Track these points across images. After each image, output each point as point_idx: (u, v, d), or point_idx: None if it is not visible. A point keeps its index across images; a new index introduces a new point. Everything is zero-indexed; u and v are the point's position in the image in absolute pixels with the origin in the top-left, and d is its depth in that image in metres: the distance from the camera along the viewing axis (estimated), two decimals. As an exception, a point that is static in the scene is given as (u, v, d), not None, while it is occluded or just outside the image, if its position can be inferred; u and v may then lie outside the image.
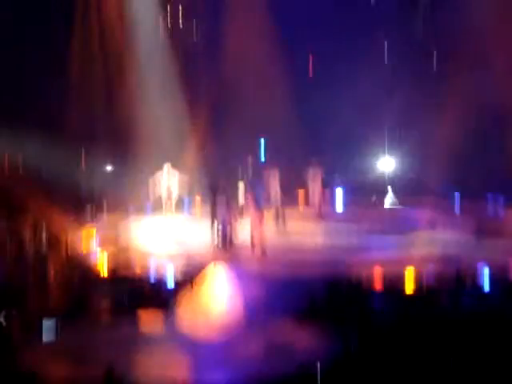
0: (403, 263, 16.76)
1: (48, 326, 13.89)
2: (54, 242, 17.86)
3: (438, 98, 23.46)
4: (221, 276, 16.70)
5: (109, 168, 23.89)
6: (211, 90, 24.14)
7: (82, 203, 22.07)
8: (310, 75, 24.78)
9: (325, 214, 21.68)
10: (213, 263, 16.94)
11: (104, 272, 17.16)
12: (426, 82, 24.07)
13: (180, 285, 16.07)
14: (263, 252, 18.58)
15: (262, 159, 23.46)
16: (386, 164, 25.78)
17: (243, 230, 19.00)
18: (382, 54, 24.69)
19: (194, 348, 13.27)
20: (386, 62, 24.74)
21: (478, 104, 22.08)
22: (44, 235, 17.69)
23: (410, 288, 15.49)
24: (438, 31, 24.16)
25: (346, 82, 23.42)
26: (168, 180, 21.09)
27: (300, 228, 20.54)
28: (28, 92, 22.95)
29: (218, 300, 15.57)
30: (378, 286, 15.74)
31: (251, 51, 23.93)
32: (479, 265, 15.99)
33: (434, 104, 23.63)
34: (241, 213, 19.57)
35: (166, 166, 21.11)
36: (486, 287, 15.26)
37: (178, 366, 12.56)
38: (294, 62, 24.18)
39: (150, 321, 14.44)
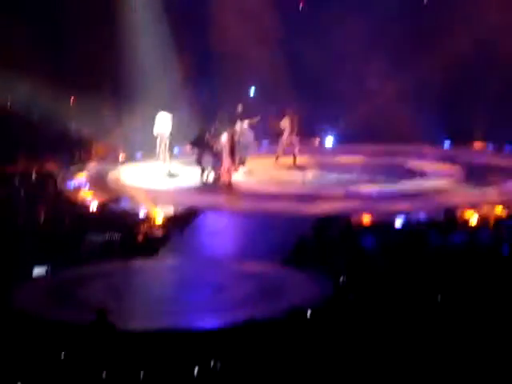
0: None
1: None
2: (42, 188, 17.85)
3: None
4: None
5: (102, 112, 23.60)
6: (203, 38, 24.00)
7: (74, 146, 21.98)
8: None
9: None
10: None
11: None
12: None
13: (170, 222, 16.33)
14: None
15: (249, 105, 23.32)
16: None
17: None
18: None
19: (184, 290, 13.38)
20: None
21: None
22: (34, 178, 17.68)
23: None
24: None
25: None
26: (161, 127, 20.87)
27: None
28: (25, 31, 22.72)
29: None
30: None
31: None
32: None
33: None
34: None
35: (160, 114, 20.86)
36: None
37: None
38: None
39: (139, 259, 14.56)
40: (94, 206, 17.47)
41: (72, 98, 23.69)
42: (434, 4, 24.52)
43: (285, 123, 20.95)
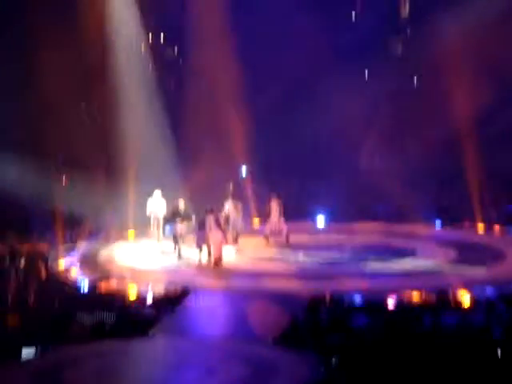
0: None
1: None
2: (33, 268, 17.75)
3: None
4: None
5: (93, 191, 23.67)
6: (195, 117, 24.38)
7: (65, 226, 21.95)
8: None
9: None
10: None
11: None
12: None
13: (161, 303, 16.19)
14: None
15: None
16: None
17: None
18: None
19: (174, 371, 13.22)
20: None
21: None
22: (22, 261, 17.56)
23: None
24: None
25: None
26: (157, 206, 20.95)
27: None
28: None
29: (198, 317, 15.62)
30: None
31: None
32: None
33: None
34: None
35: (156, 192, 20.95)
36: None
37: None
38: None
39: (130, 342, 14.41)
40: (84, 286, 17.36)
41: (64, 176, 23.83)
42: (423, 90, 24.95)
43: (272, 205, 21.24)
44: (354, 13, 25.44)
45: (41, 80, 22.62)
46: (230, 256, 19.90)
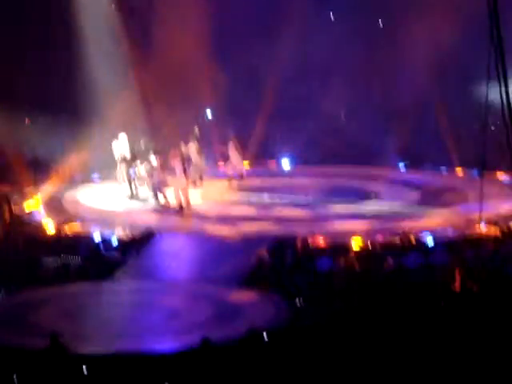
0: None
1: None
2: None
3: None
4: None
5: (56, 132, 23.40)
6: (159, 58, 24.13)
7: (29, 168, 21.74)
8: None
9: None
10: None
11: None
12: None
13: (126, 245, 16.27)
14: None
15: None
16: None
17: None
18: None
19: (140, 313, 13.30)
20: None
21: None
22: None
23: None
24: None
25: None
26: (122, 147, 20.79)
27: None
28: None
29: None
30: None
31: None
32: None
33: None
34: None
35: (121, 135, 20.75)
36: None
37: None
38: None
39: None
40: (49, 229, 17.31)
41: (27, 119, 23.55)
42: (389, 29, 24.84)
43: (230, 147, 21.26)
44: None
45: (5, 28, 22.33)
46: (194, 199, 19.86)
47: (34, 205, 19.31)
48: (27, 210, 18.85)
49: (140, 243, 16.32)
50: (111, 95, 23.11)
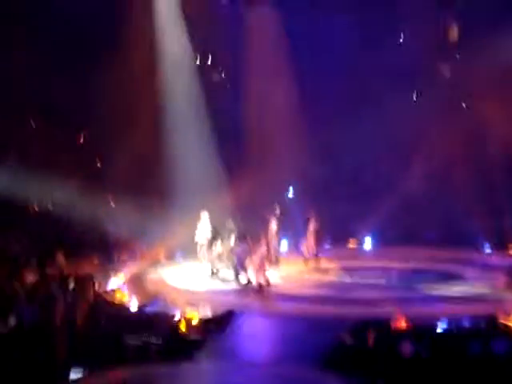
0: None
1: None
2: (82, 291, 17.85)
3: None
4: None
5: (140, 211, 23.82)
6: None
7: (113, 247, 22.08)
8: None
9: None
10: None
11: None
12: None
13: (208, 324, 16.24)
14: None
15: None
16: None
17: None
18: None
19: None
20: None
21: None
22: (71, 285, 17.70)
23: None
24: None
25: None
26: (204, 228, 20.99)
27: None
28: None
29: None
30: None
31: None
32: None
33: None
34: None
35: (203, 214, 20.96)
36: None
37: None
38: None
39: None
40: (132, 308, 17.46)
41: (111, 199, 24.03)
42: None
43: (309, 226, 21.22)
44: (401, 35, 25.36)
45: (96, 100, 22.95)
46: (273, 278, 19.84)
47: (118, 284, 19.56)
48: (110, 289, 19.09)
49: (220, 323, 16.32)
50: (196, 175, 23.49)
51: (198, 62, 25.44)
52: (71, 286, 17.44)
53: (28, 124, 23.74)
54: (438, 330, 15.50)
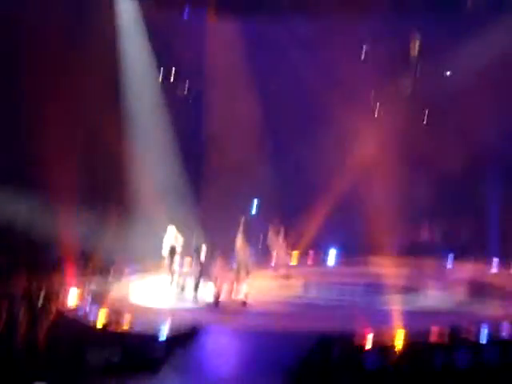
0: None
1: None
2: (44, 306, 17.70)
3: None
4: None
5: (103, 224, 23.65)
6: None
7: (77, 261, 21.90)
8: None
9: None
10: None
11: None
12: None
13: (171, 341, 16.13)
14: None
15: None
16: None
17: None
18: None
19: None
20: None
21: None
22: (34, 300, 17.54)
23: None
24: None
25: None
26: (171, 242, 20.88)
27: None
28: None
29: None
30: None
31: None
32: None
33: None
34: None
35: (170, 228, 20.89)
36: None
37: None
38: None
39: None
40: (94, 325, 17.31)
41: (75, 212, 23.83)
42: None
43: (272, 237, 21.26)
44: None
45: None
46: (240, 293, 19.83)
47: (80, 299, 19.40)
48: (73, 305, 18.93)
49: (184, 340, 16.26)
50: (161, 189, 23.40)
51: (160, 77, 25.38)
52: (34, 302, 17.29)
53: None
54: (402, 343, 15.53)
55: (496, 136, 23.46)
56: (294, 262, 22.56)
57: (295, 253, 23.12)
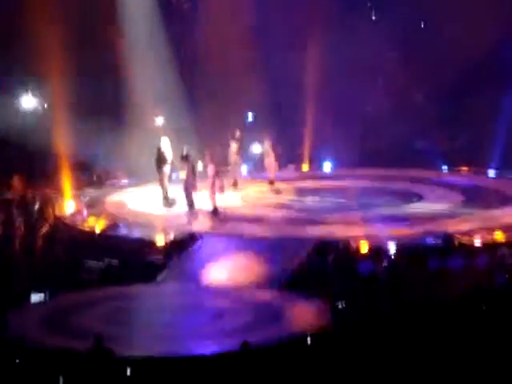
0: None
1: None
2: (41, 214, 17.78)
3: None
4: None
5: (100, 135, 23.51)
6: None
7: (72, 171, 21.91)
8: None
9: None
10: None
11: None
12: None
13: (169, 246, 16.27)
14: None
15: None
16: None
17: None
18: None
19: (181, 316, 13.33)
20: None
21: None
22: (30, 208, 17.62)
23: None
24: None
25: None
26: (164, 152, 20.78)
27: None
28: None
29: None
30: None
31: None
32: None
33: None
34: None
35: (163, 139, 20.76)
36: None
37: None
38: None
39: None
40: (92, 232, 17.43)
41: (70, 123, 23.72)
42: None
43: (264, 147, 21.22)
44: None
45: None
46: (234, 201, 19.86)
47: (77, 207, 19.50)
48: (70, 213, 19.02)
49: (182, 246, 16.36)
50: (157, 99, 23.24)
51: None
52: (31, 209, 17.37)
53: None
54: (397, 248, 15.68)
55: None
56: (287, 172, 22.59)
57: (290, 166, 23.24)
